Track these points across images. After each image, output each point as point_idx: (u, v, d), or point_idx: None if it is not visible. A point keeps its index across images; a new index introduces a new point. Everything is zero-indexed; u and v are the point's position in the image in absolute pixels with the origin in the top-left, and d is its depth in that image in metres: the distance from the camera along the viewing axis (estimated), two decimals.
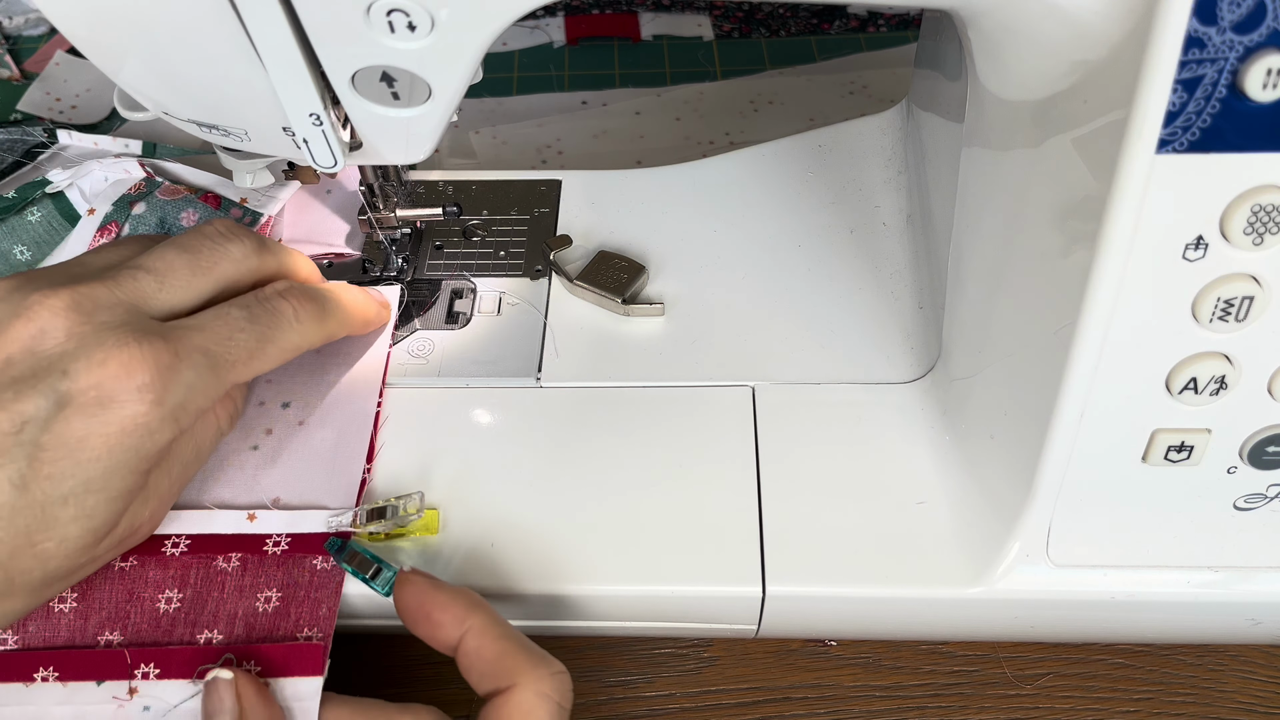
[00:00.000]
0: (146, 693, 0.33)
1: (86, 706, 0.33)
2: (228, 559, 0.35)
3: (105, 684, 0.33)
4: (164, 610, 0.34)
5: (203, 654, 0.34)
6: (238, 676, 0.31)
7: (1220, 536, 0.33)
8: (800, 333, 0.41)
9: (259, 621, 0.35)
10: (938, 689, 0.39)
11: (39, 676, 0.33)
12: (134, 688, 0.33)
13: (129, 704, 0.33)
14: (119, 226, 0.44)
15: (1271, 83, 0.24)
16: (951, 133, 0.38)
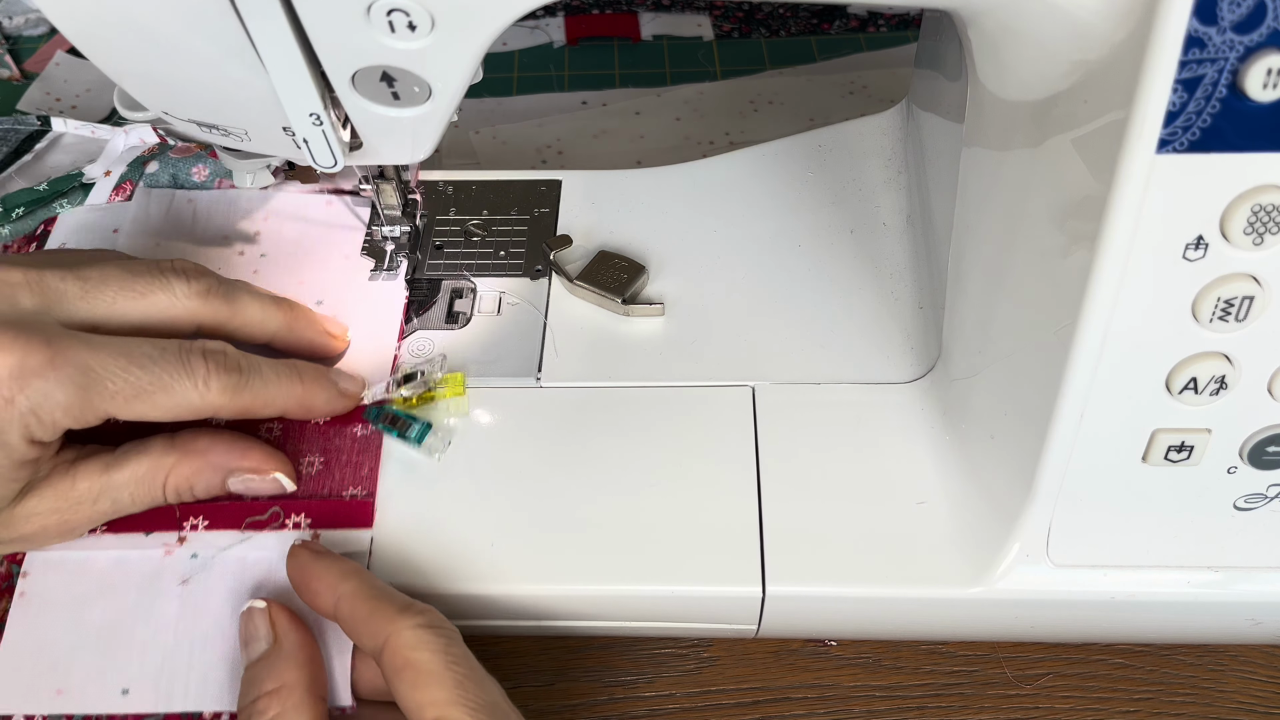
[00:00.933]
0: (194, 541, 0.35)
1: (133, 551, 0.35)
2: (269, 430, 0.37)
3: (154, 534, 0.35)
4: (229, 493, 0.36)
5: (250, 509, 0.35)
6: (270, 605, 0.32)
7: (1220, 536, 0.33)
8: (800, 333, 0.41)
9: (304, 484, 0.36)
10: (938, 689, 0.39)
11: (88, 531, 0.35)
12: (182, 537, 0.35)
13: (177, 550, 0.35)
14: (133, 185, 0.45)
15: (1271, 83, 0.24)
16: (951, 133, 0.38)
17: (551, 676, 0.40)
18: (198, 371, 0.33)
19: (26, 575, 0.35)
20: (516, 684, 0.39)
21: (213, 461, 0.35)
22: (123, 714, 0.33)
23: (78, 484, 0.33)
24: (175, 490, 0.35)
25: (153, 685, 0.33)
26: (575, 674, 0.40)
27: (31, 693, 0.33)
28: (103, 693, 0.33)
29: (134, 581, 0.34)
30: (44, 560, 0.35)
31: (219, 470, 0.35)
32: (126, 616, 0.34)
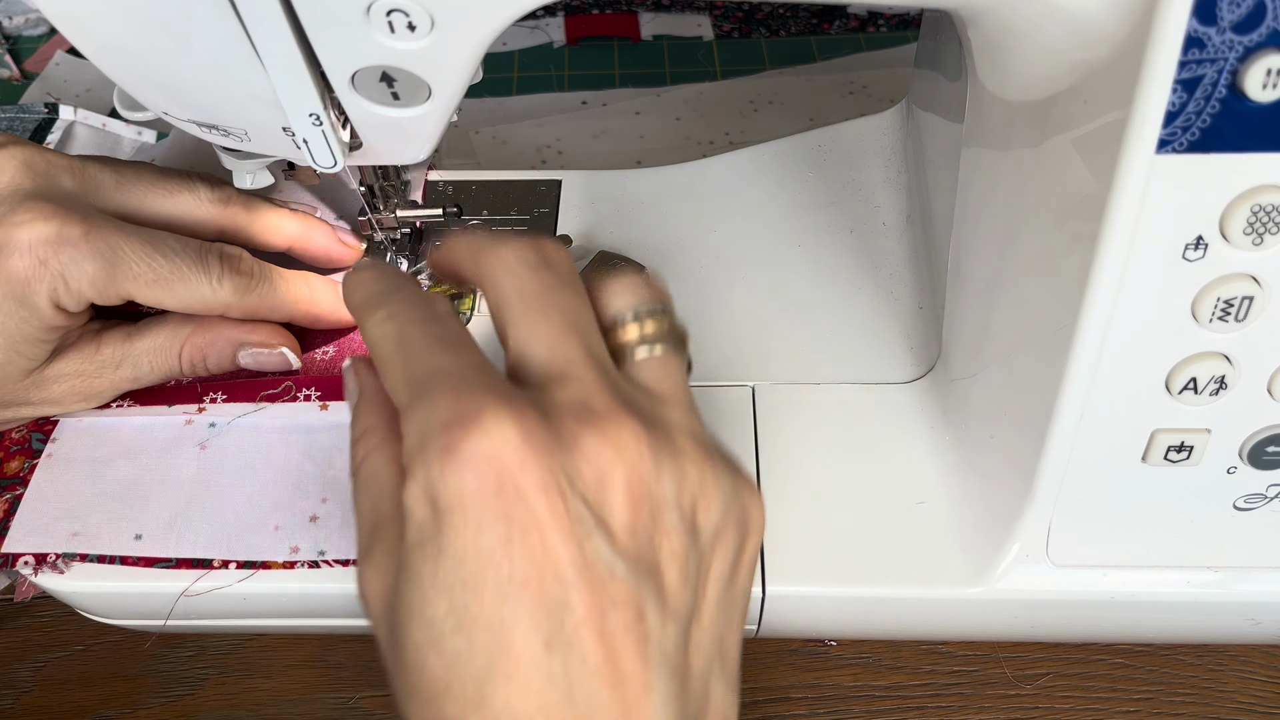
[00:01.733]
0: (213, 412, 0.38)
1: (156, 419, 0.38)
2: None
3: (176, 406, 0.38)
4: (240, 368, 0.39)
5: (265, 384, 0.39)
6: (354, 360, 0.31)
7: (1220, 536, 0.33)
8: (800, 333, 0.41)
9: (316, 367, 0.40)
10: (938, 689, 0.39)
11: (114, 404, 0.38)
12: (202, 408, 0.38)
13: (197, 419, 0.38)
14: None
15: (1271, 83, 0.24)
16: (951, 133, 0.38)
17: None
18: (213, 269, 0.36)
19: (55, 440, 0.38)
20: None
21: (225, 334, 0.38)
22: (134, 556, 0.35)
23: (102, 349, 0.37)
24: (190, 360, 0.38)
25: (164, 532, 0.36)
26: None
27: (48, 535, 0.35)
28: (116, 537, 0.35)
29: (155, 446, 0.38)
30: (73, 427, 0.38)
31: (230, 343, 0.38)
32: (145, 474, 0.37)
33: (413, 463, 0.24)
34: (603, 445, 0.24)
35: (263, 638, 0.41)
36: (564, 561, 0.23)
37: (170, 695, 0.39)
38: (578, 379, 0.25)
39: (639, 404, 0.26)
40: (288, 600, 0.36)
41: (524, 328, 0.27)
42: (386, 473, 0.27)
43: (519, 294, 0.27)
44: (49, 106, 0.52)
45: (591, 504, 0.24)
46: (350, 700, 0.39)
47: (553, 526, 0.23)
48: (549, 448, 0.24)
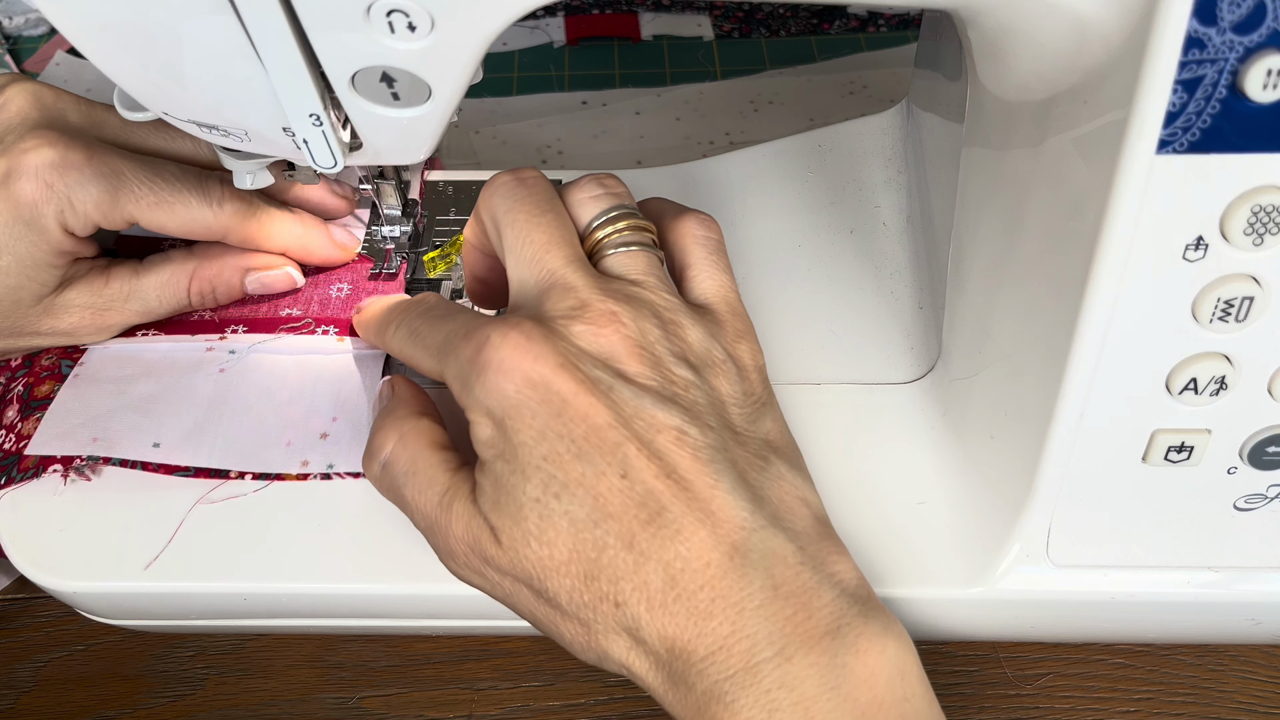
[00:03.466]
0: (234, 340, 0.40)
1: (180, 346, 0.40)
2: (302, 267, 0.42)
3: (198, 336, 0.40)
4: (248, 295, 0.41)
5: (284, 320, 0.41)
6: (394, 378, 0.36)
7: (1220, 536, 0.33)
8: (800, 333, 0.41)
9: (332, 304, 0.42)
10: (938, 689, 0.39)
11: (140, 334, 0.40)
12: (223, 336, 0.40)
13: (218, 346, 0.40)
14: None
15: (1271, 83, 0.24)
16: (951, 133, 0.38)
17: (551, 676, 0.40)
18: (213, 193, 0.37)
19: (83, 364, 0.40)
20: (516, 684, 0.39)
21: (230, 263, 0.39)
22: (153, 463, 0.37)
23: (110, 283, 0.38)
24: (199, 292, 0.39)
25: (181, 443, 0.37)
26: (575, 674, 0.40)
27: (70, 439, 0.37)
28: (135, 444, 0.37)
29: (177, 368, 0.40)
30: (100, 352, 0.40)
31: (236, 270, 0.40)
32: (165, 391, 0.39)
33: (464, 401, 0.30)
34: (595, 323, 0.29)
35: (263, 638, 0.41)
36: (602, 412, 0.28)
37: (170, 695, 0.39)
38: (562, 283, 0.30)
39: (616, 288, 0.31)
40: (288, 600, 0.36)
41: (514, 255, 0.32)
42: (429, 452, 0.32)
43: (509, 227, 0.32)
44: None
45: (602, 366, 0.29)
46: (350, 700, 0.39)
47: (580, 391, 0.28)
48: (550, 339, 0.29)
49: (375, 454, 0.33)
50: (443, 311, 0.33)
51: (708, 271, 0.34)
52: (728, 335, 0.32)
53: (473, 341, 0.29)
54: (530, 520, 0.28)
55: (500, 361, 0.28)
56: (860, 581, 0.29)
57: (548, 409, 0.28)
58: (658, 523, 0.28)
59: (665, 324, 0.31)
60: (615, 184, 0.34)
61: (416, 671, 0.40)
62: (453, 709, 0.39)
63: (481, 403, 0.29)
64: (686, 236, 0.34)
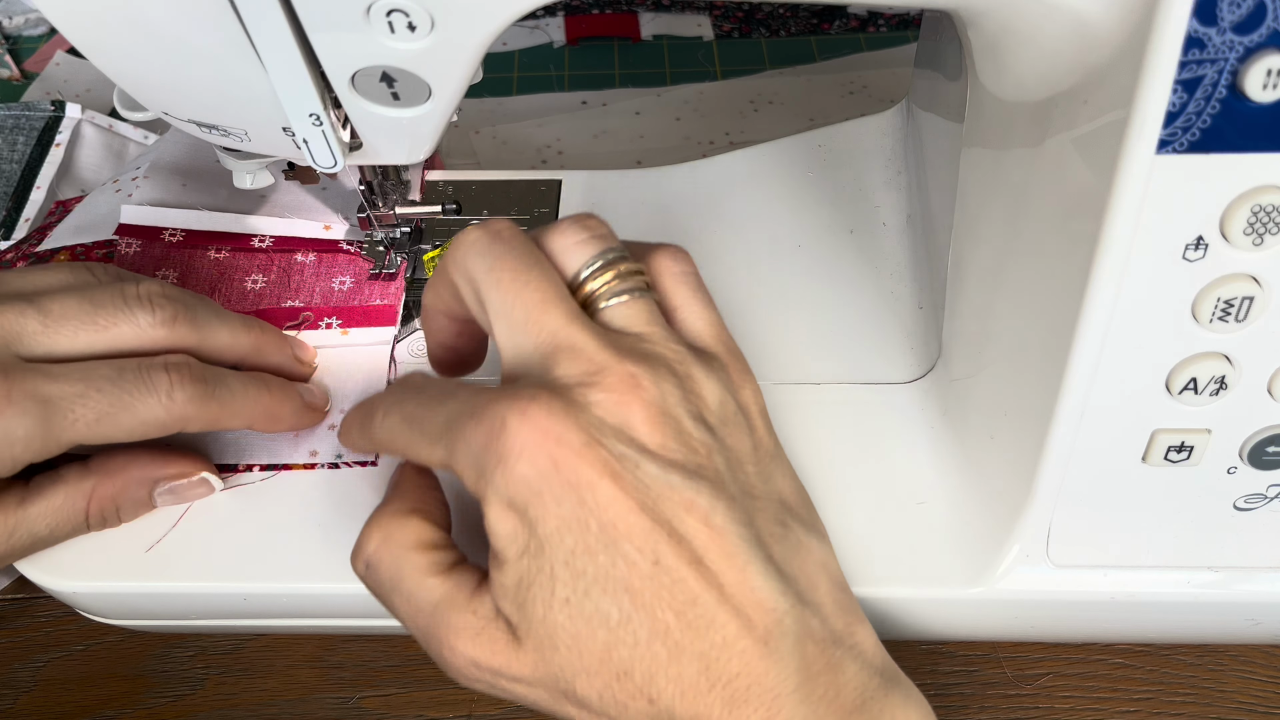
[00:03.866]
0: None
1: None
2: (305, 254, 0.42)
3: None
4: (251, 289, 0.41)
5: (288, 313, 0.41)
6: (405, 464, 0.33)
7: (1220, 536, 0.33)
8: (800, 333, 0.41)
9: (335, 297, 0.42)
10: (938, 689, 0.39)
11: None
12: None
13: None
14: None
15: (1271, 83, 0.24)
16: (951, 133, 0.38)
17: None
18: (160, 386, 0.32)
19: None
20: None
21: (135, 476, 0.35)
22: None
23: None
24: (100, 514, 0.34)
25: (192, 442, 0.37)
26: None
27: None
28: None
29: None
30: None
31: (143, 484, 0.35)
32: None
33: (480, 491, 0.28)
34: (611, 393, 0.27)
35: (263, 638, 0.41)
36: (631, 497, 0.27)
37: (170, 695, 0.39)
38: (568, 346, 0.28)
39: (629, 346, 0.29)
40: (288, 600, 0.36)
41: (504, 319, 0.29)
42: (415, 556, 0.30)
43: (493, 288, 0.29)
44: (55, 104, 0.52)
45: (624, 439, 0.27)
46: (350, 700, 0.39)
47: (606, 473, 0.27)
48: (570, 414, 0.27)
49: (359, 553, 0.31)
50: (437, 390, 0.30)
51: (696, 310, 0.32)
52: (734, 381, 0.31)
53: (484, 425, 0.27)
54: (559, 621, 0.27)
55: (521, 448, 0.26)
56: (876, 648, 0.30)
57: (573, 497, 0.27)
58: (691, 613, 0.27)
59: (682, 380, 0.29)
60: (597, 224, 0.32)
61: (416, 671, 0.40)
62: (453, 709, 0.39)
63: (502, 493, 0.27)
64: (665, 275, 0.33)
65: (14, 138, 0.51)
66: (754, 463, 0.30)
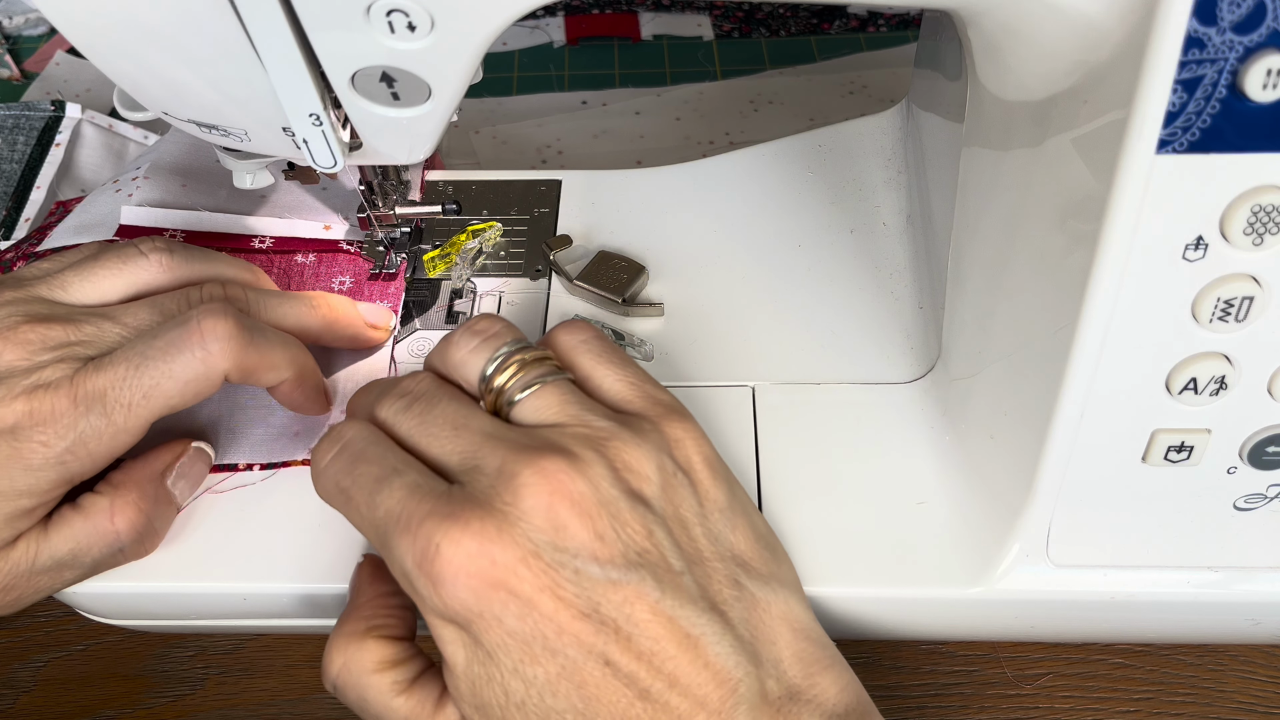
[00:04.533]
0: None
1: None
2: (305, 255, 0.43)
3: None
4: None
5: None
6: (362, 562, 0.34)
7: (1220, 536, 0.33)
8: (800, 333, 0.41)
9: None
10: (938, 689, 0.39)
11: None
12: None
13: None
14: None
15: (1271, 83, 0.24)
16: (951, 133, 0.38)
17: None
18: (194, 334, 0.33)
19: None
20: None
21: (141, 476, 0.35)
22: None
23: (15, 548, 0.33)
24: (132, 528, 0.34)
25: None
26: None
27: None
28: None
29: None
30: None
31: (152, 480, 0.35)
32: None
33: (416, 602, 0.28)
34: (535, 495, 0.27)
35: (263, 638, 0.41)
36: (570, 606, 0.27)
37: (170, 695, 0.39)
38: (484, 460, 0.29)
39: (545, 439, 0.29)
40: (288, 600, 0.36)
41: (431, 451, 0.30)
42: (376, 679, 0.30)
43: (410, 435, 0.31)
44: (55, 104, 0.52)
45: (560, 544, 0.27)
46: None
47: (544, 586, 0.27)
48: (503, 531, 0.27)
49: (326, 675, 0.31)
50: (373, 474, 0.29)
51: (609, 375, 0.32)
52: (667, 437, 0.31)
53: (418, 544, 0.27)
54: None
55: (455, 572, 0.27)
56: (841, 693, 0.29)
57: (514, 611, 0.27)
58: (645, 703, 0.27)
59: (611, 459, 0.29)
60: (488, 324, 0.32)
61: None
62: None
63: (440, 612, 0.27)
64: (566, 350, 0.33)
65: (14, 138, 0.51)
66: (701, 523, 0.30)
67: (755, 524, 0.32)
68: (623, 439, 0.29)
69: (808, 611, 0.31)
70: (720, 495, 0.31)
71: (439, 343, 0.33)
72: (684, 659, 0.27)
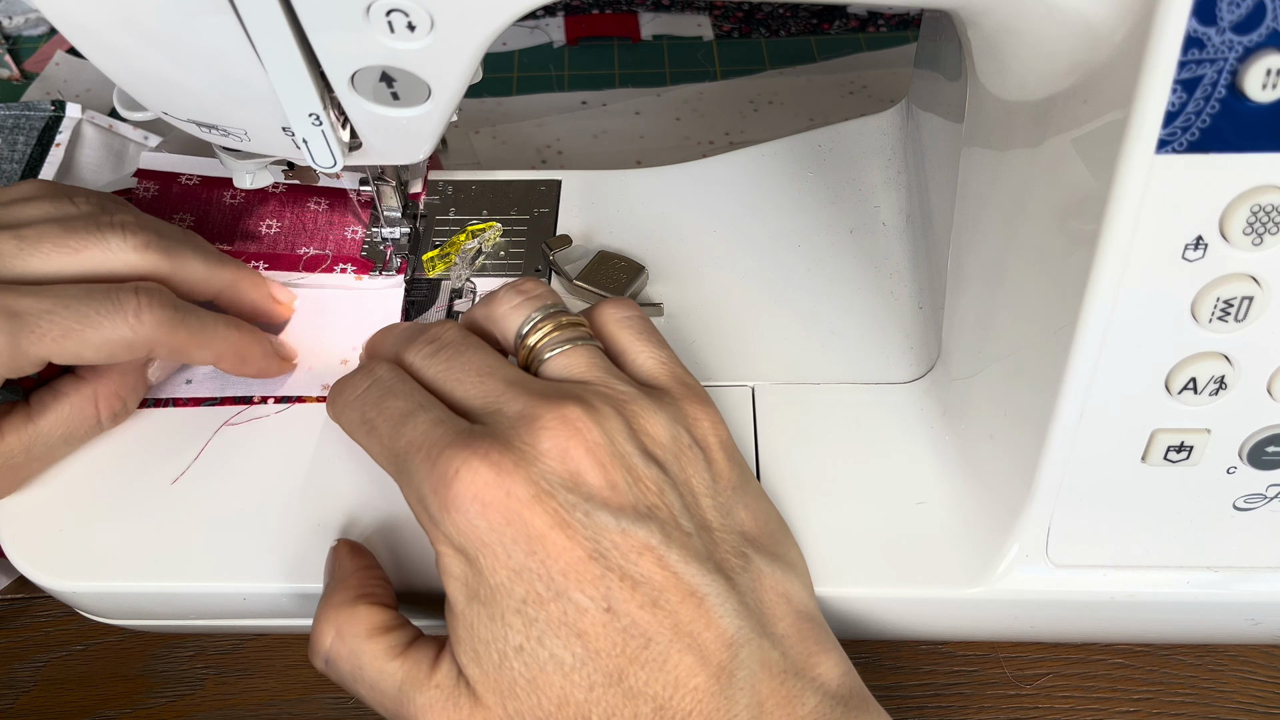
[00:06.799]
0: None
1: None
2: (318, 201, 0.44)
3: None
4: (265, 233, 0.43)
5: (300, 259, 0.42)
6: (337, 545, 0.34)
7: (1220, 536, 0.33)
8: (800, 333, 0.41)
9: (347, 245, 0.43)
10: (938, 689, 0.39)
11: None
12: None
13: None
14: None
15: (1271, 83, 0.24)
16: (951, 133, 0.38)
17: None
18: (128, 306, 0.33)
19: None
20: None
21: (126, 367, 0.36)
22: (185, 397, 0.39)
23: (5, 439, 0.34)
24: (111, 412, 0.36)
25: (209, 377, 0.39)
26: None
27: None
28: (170, 382, 0.39)
29: None
30: None
31: (136, 369, 0.37)
32: None
33: (428, 530, 0.29)
34: (554, 438, 0.28)
35: (263, 638, 0.41)
36: (580, 546, 0.27)
37: (170, 695, 0.39)
38: (506, 404, 0.30)
39: (565, 391, 0.30)
40: (288, 600, 0.36)
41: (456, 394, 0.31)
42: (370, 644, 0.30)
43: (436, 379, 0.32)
44: (55, 104, 0.52)
45: (573, 487, 0.28)
46: (350, 700, 0.39)
47: (556, 524, 0.27)
48: (520, 467, 0.28)
49: (316, 651, 0.31)
50: (400, 408, 0.30)
51: (644, 351, 0.33)
52: (687, 414, 0.32)
53: (437, 469, 0.28)
54: (515, 669, 0.28)
55: (471, 498, 0.27)
56: (843, 677, 0.29)
57: (523, 547, 0.27)
58: (645, 654, 0.27)
59: (628, 418, 0.30)
60: (534, 286, 0.34)
61: None
62: None
63: (451, 539, 0.28)
64: (609, 324, 0.34)
65: (14, 138, 0.51)
66: (711, 496, 0.31)
67: (766, 508, 0.33)
68: (642, 403, 0.31)
69: (811, 596, 0.31)
70: (733, 475, 0.32)
71: (483, 297, 0.35)
72: (686, 614, 0.28)
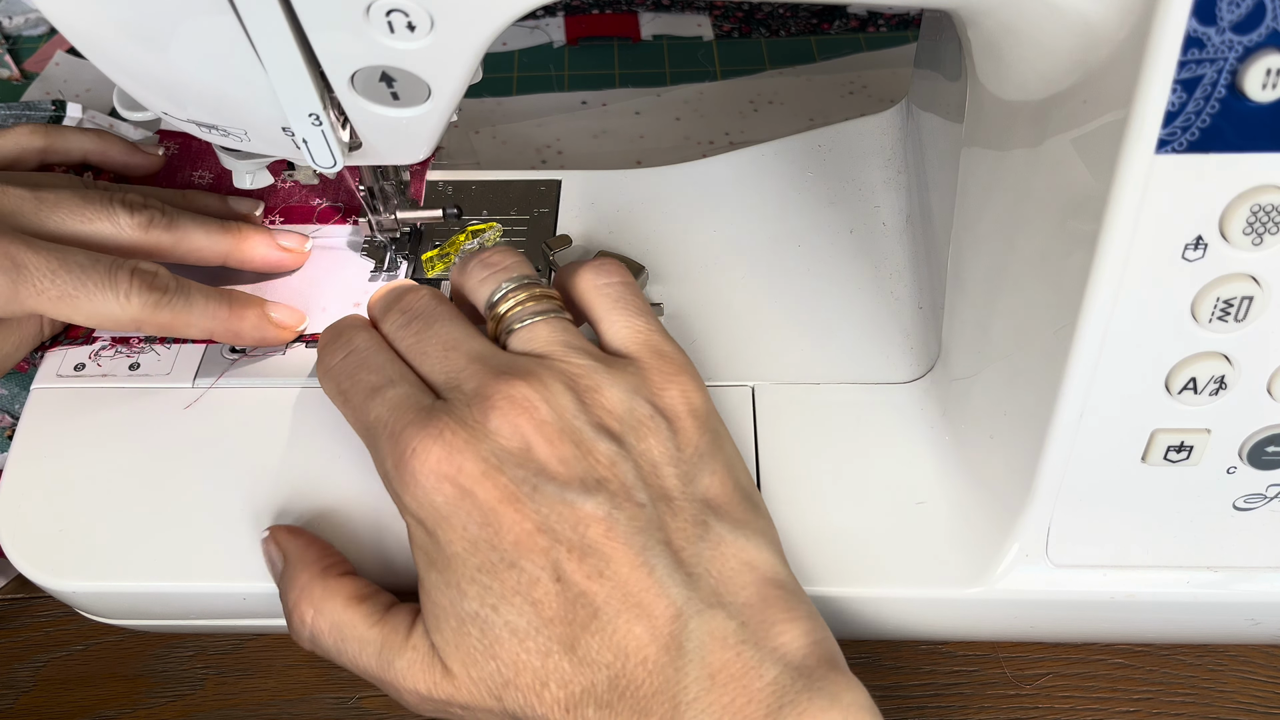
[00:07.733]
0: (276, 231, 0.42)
1: None
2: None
3: None
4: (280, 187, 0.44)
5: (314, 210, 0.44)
6: (272, 530, 0.35)
7: (1220, 536, 0.33)
8: (800, 333, 0.41)
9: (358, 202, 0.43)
10: (938, 689, 0.39)
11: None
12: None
13: None
14: None
15: (1271, 83, 0.24)
16: (951, 133, 0.38)
17: None
18: (121, 285, 0.35)
19: None
20: None
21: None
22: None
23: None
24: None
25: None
26: None
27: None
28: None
29: None
30: None
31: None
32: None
33: (395, 501, 0.31)
34: (503, 415, 0.29)
35: (263, 638, 0.41)
36: (528, 519, 0.29)
37: (170, 695, 0.39)
38: (466, 380, 0.31)
39: (522, 367, 0.31)
40: None
41: (423, 368, 0.32)
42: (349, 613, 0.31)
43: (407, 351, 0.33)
44: (56, 104, 0.52)
45: (523, 462, 0.29)
46: (350, 700, 0.39)
47: (503, 500, 0.29)
48: (471, 443, 0.29)
49: (299, 631, 0.32)
50: (370, 381, 0.32)
51: (619, 319, 0.34)
52: (653, 383, 0.32)
53: (398, 446, 0.30)
54: (473, 636, 0.29)
55: (427, 473, 0.29)
56: (809, 648, 0.29)
57: (476, 520, 0.29)
58: (595, 623, 0.28)
59: (581, 392, 0.31)
60: (502, 257, 0.34)
61: None
62: None
63: (413, 512, 0.30)
64: (587, 291, 0.34)
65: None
66: (674, 464, 0.31)
67: (737, 475, 0.32)
68: (598, 376, 0.31)
69: (782, 562, 0.31)
70: (702, 442, 0.32)
71: (459, 262, 0.36)
72: (636, 584, 0.28)
